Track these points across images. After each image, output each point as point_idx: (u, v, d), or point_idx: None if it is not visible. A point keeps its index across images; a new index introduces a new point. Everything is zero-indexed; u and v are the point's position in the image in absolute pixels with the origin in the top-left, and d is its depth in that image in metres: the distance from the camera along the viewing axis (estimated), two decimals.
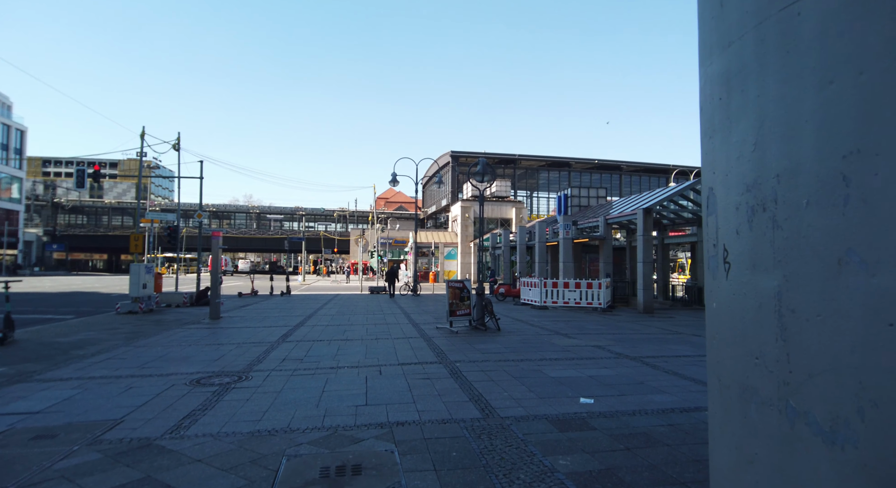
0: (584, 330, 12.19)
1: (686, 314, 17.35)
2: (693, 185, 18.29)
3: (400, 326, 12.78)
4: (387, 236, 57.89)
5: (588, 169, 56.39)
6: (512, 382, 6.56)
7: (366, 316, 15.51)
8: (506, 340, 10.32)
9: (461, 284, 12.20)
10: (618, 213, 19.75)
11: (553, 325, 13.12)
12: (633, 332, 11.84)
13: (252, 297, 24.74)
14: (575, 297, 18.35)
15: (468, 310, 12.22)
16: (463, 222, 44.95)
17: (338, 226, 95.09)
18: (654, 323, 14.19)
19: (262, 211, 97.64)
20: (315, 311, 17.09)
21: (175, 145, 19.80)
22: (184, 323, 13.67)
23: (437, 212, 62.60)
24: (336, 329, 12.22)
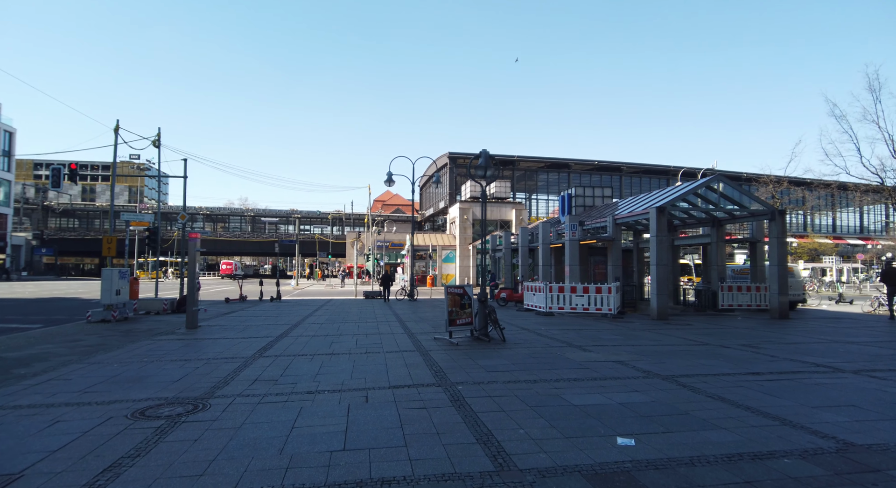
0: (599, 340, 10.97)
1: (703, 320, 16.15)
2: (708, 183, 17.12)
3: (394, 337, 11.54)
4: (383, 239, 56.55)
5: (588, 170, 55.31)
6: (527, 413, 5.33)
7: (357, 324, 14.27)
8: (513, 354, 9.09)
9: (461, 290, 10.98)
10: (628, 213, 18.55)
11: (563, 335, 11.90)
12: (653, 343, 10.62)
13: (240, 303, 23.48)
14: (583, 303, 17.13)
15: (469, 318, 10.99)
16: (461, 224, 43.74)
17: (334, 229, 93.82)
18: (673, 331, 12.98)
19: (256, 214, 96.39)
20: (303, 319, 15.84)
21: (155, 141, 18.56)
22: (156, 333, 12.41)
23: (435, 214, 61.44)
24: (322, 340, 10.97)
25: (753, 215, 18.04)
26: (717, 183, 17.01)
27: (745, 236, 21.61)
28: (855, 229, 69.66)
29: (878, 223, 73.23)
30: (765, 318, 17.08)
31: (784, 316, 16.83)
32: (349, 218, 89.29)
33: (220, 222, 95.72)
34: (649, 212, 16.60)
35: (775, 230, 16.98)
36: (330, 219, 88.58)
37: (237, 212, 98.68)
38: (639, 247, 24.20)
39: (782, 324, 15.07)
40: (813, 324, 15.19)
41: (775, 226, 16.97)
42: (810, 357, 9.02)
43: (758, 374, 7.36)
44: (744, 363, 8.31)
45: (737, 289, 19.26)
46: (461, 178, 51.10)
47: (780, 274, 16.86)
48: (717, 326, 14.30)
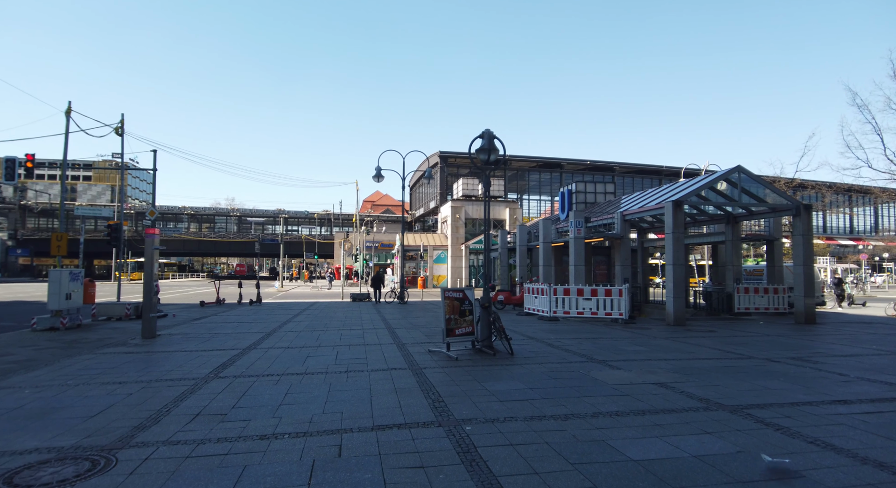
0: (622, 353, 9.36)
1: (722, 326, 14.63)
2: (726, 175, 15.61)
3: (381, 349, 9.85)
4: (372, 239, 54.74)
5: (580, 170, 54.15)
6: (572, 478, 3.68)
7: (340, 332, 12.56)
8: (526, 373, 7.44)
9: (461, 294, 9.32)
10: (638, 208, 17.01)
11: (577, 346, 10.28)
12: (687, 356, 9.04)
13: (216, 307, 21.63)
14: (590, 307, 15.55)
15: (470, 327, 9.34)
16: (453, 223, 42.09)
17: (322, 229, 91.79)
18: (699, 340, 11.42)
19: (242, 214, 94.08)
20: (280, 325, 14.10)
21: (118, 129, 16.69)
22: (105, 344, 10.63)
23: (425, 214, 59.79)
24: (297, 354, 9.26)
25: (775, 210, 16.58)
26: (736, 175, 15.52)
27: (759, 233, 20.21)
28: (845, 229, 69.03)
29: (869, 224, 72.77)
30: (788, 323, 15.62)
31: (810, 320, 15.37)
32: (337, 218, 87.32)
33: (206, 222, 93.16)
34: (664, 207, 15.06)
35: (800, 226, 15.52)
36: (316, 217, 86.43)
37: (223, 212, 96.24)
38: (643, 246, 22.72)
39: (813, 331, 13.58)
40: (847, 330, 13.73)
41: (800, 222, 15.52)
42: (886, 375, 7.46)
43: (846, 403, 5.78)
44: (814, 385, 6.73)
45: (753, 291, 17.80)
46: (452, 178, 49.52)
47: (806, 274, 15.40)
48: (743, 333, 12.77)
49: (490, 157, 9.48)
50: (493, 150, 9.41)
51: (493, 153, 9.43)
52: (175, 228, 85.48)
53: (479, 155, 9.53)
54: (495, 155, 9.48)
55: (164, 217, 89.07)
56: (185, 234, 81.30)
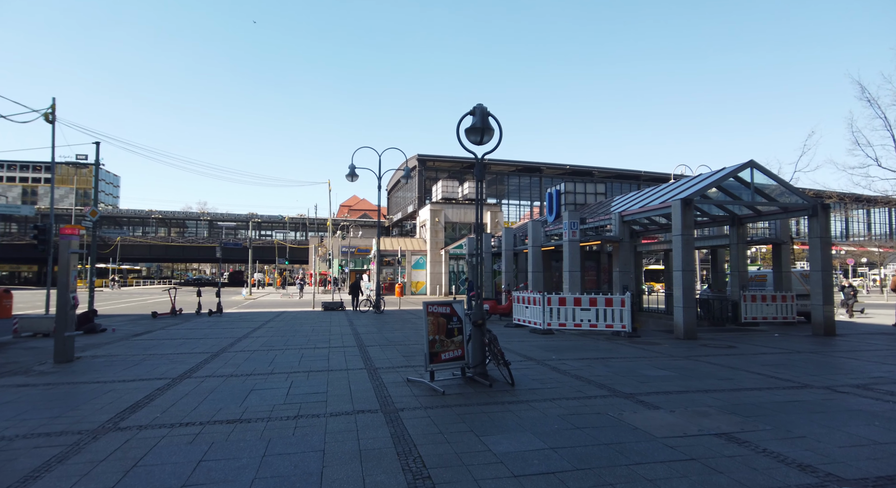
0: (646, 380, 7.59)
1: (736, 338, 13.04)
2: (735, 172, 14.07)
3: (348, 377, 7.90)
4: (348, 244, 52.59)
5: (560, 174, 53.24)
6: None
7: (302, 353, 10.55)
8: (539, 418, 5.58)
9: (448, 309, 7.44)
10: (639, 208, 15.38)
11: (587, 369, 8.48)
12: (729, 385, 7.30)
13: (170, 318, 19.34)
14: (589, 318, 13.81)
15: (459, 349, 7.46)
16: (432, 227, 40.23)
17: (296, 234, 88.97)
18: (724, 358, 9.75)
19: (213, 218, 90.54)
20: (234, 343, 12.02)
21: (48, 115, 14.41)
22: (3, 372, 8.47)
23: (403, 219, 57.91)
24: (239, 386, 7.25)
25: (787, 210, 15.12)
26: (749, 171, 14.01)
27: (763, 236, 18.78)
28: None
29: (840, 229, 73.21)
30: (805, 335, 14.13)
31: (830, 332, 13.89)
32: (312, 222, 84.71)
33: (176, 227, 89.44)
34: (671, 206, 13.45)
35: (817, 228, 14.06)
36: (287, 220, 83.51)
37: (193, 216, 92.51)
38: (635, 250, 21.18)
39: (841, 344, 12.06)
40: (876, 343, 12.24)
41: (817, 224, 14.07)
42: None
43: None
44: None
45: (761, 300, 16.31)
46: (430, 181, 47.75)
47: (825, 280, 13.94)
48: (767, 349, 11.16)
49: (483, 139, 7.65)
50: (486, 130, 7.58)
51: (486, 134, 7.61)
52: (144, 233, 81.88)
53: (469, 136, 7.69)
54: (489, 136, 7.65)
55: (131, 221, 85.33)
56: (152, 239, 77.83)
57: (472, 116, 7.64)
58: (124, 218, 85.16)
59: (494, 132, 7.65)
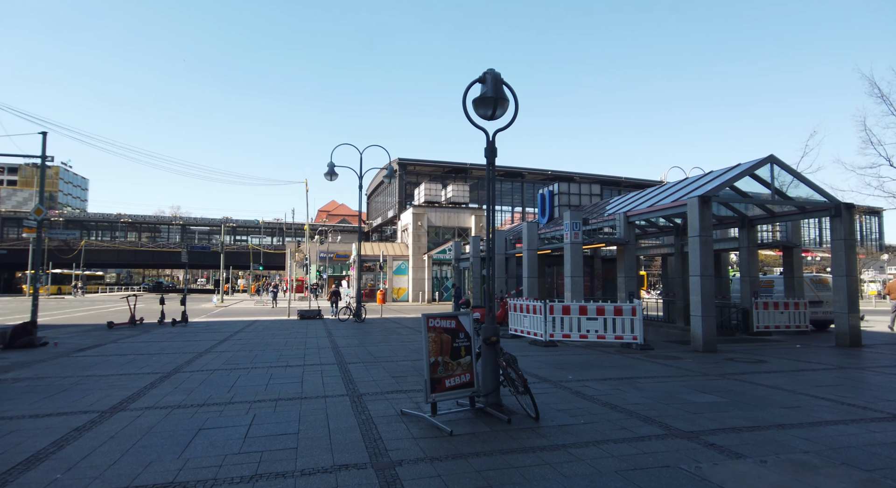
0: (699, 410, 6.17)
1: (758, 350, 11.79)
2: (754, 168, 12.86)
3: (325, 408, 6.30)
4: (326, 249, 50.71)
5: (542, 180, 52.50)
6: None
7: (271, 373, 8.90)
8: (589, 475, 4.09)
9: (453, 323, 5.92)
10: (647, 208, 14.09)
11: (617, 393, 7.04)
12: (809, 418, 5.93)
13: (128, 329, 17.39)
14: (596, 328, 12.43)
15: (468, 374, 5.94)
16: (415, 231, 38.66)
17: (273, 239, 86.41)
18: (769, 378, 8.42)
19: (186, 223, 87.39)
20: (192, 360, 10.30)
21: None
22: None
23: (383, 224, 56.27)
24: (184, 423, 5.61)
25: (805, 211, 14.00)
26: (768, 167, 12.84)
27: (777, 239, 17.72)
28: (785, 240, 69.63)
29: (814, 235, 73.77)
30: (827, 345, 12.98)
31: (856, 343, 12.74)
32: (289, 227, 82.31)
33: (147, 232, 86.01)
34: (686, 204, 12.17)
35: (841, 229, 12.94)
36: (262, 224, 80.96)
37: (164, 221, 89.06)
38: None
39: (879, 358, 10.87)
40: None
41: (841, 225, 12.94)
42: None
43: None
44: None
45: (773, 307, 15.17)
46: (411, 186, 46.29)
47: (850, 287, 12.79)
48: (804, 363, 9.89)
49: (495, 112, 6.18)
50: (499, 102, 6.11)
51: (499, 106, 6.14)
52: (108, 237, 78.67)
53: (478, 109, 6.22)
54: (503, 109, 6.19)
55: (100, 226, 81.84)
56: (121, 244, 74.68)
57: (481, 84, 6.17)
58: (92, 222, 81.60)
59: (509, 104, 6.19)
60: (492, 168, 6.23)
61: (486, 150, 6.23)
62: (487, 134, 6.25)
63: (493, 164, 6.22)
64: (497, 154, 6.24)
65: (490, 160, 6.21)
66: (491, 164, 6.22)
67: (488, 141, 6.24)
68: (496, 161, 6.22)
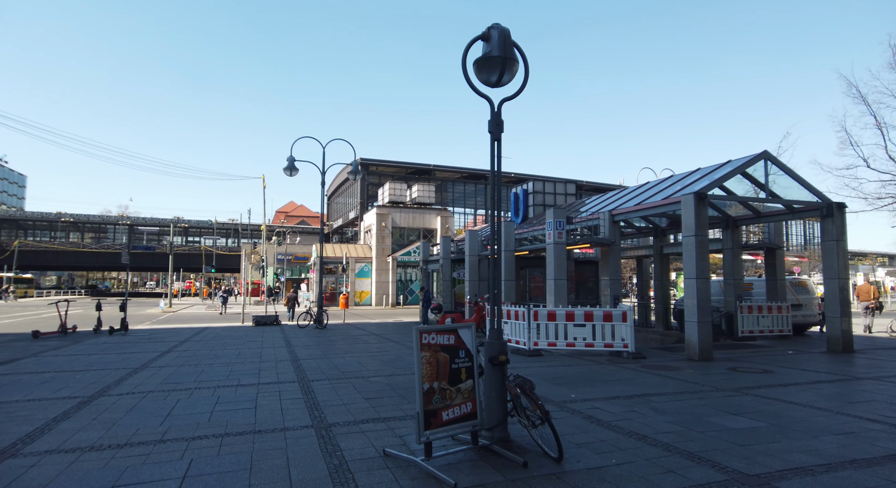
0: (738, 438, 5.15)
1: (754, 357, 11.06)
2: (748, 164, 12.15)
3: (285, 446, 4.95)
4: (285, 251, 48.53)
5: (505, 182, 52.05)
6: None
7: (218, 395, 7.44)
8: None
9: (451, 338, 4.68)
10: (635, 206, 13.24)
11: (637, 418, 5.97)
12: (866, 445, 4.99)
13: (56, 338, 15.36)
14: (584, 336, 11.44)
15: (469, 403, 4.71)
16: (379, 232, 37.18)
17: (228, 240, 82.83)
18: (792, 393, 7.56)
19: (134, 223, 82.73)
20: (123, 378, 8.69)
21: None
22: None
23: (344, 225, 54.48)
24: (93, 477, 4.16)
25: (793, 211, 13.44)
26: (762, 163, 12.18)
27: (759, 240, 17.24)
28: None
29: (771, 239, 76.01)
30: (818, 351, 12.42)
31: (848, 348, 12.20)
32: (245, 228, 79.08)
33: (91, 232, 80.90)
34: (681, 202, 11.34)
35: (833, 230, 12.41)
36: (215, 224, 77.46)
37: (110, 220, 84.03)
38: None
39: (884, 365, 10.27)
40: None
41: (832, 225, 12.41)
42: None
43: None
44: None
45: (757, 311, 14.60)
46: (374, 187, 44.80)
47: (842, 290, 12.26)
48: (812, 372, 9.13)
49: (502, 78, 5.01)
50: (508, 64, 4.94)
51: (507, 69, 4.97)
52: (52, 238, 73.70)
53: (481, 74, 5.04)
54: (511, 74, 5.02)
55: (37, 225, 76.54)
56: (60, 245, 69.92)
57: (484, 43, 4.99)
58: (28, 221, 76.23)
59: (518, 67, 5.03)
60: (498, 145, 5.05)
61: (491, 124, 5.05)
62: (492, 103, 5.07)
63: (498, 141, 5.04)
64: (504, 128, 5.06)
65: (496, 136, 5.03)
66: (496, 140, 5.04)
67: (493, 112, 5.06)
68: (455, 165, 5.05)
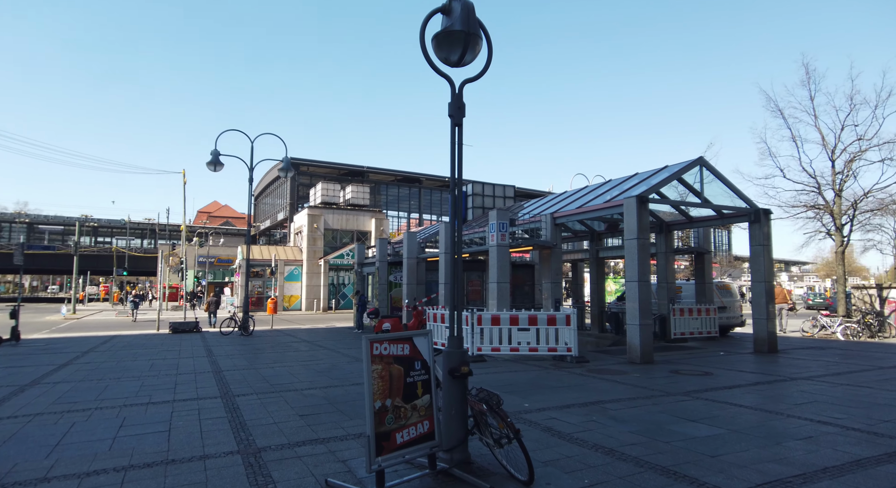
0: (708, 451, 4.91)
1: (690, 359, 11.23)
2: (685, 169, 12.40)
3: (206, 481, 4.16)
4: (207, 253, 45.75)
5: (439, 186, 52.24)
6: None
7: (123, 416, 6.40)
8: None
9: (406, 348, 4.09)
10: (576, 209, 13.18)
11: (599, 429, 5.63)
12: (825, 448, 4.88)
13: None
14: (528, 340, 11.17)
15: (427, 421, 4.13)
16: (310, 234, 35.72)
17: (144, 241, 77.27)
18: (737, 395, 7.56)
19: (33, 221, 75.32)
20: (6, 397, 7.38)
21: None
22: None
23: (272, 227, 52.27)
24: None
25: (723, 216, 13.91)
26: (697, 169, 12.48)
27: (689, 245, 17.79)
28: None
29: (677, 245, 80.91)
30: (747, 352, 12.87)
31: (773, 349, 12.71)
32: (163, 229, 74.18)
33: None
34: (623, 205, 11.33)
35: (759, 235, 12.91)
36: (128, 223, 72.18)
37: (5, 218, 76.05)
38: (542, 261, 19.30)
39: (811, 365, 10.68)
40: (832, 359, 11.08)
41: (759, 230, 12.92)
42: None
43: None
44: None
45: (688, 313, 15.02)
46: (304, 187, 43.17)
47: (769, 293, 12.78)
48: (750, 374, 9.30)
49: (464, 56, 4.50)
50: (471, 40, 4.43)
51: (470, 47, 4.46)
52: None
53: (440, 52, 4.50)
54: (474, 52, 4.52)
55: None
56: None
57: (444, 16, 4.46)
58: None
59: (482, 45, 4.54)
60: (459, 130, 4.54)
61: (451, 107, 4.53)
62: (453, 84, 4.55)
63: (459, 125, 4.53)
64: (465, 112, 4.55)
65: (457, 120, 4.52)
66: (457, 125, 4.52)
67: (454, 94, 4.54)
68: (389, 168, 4.54)
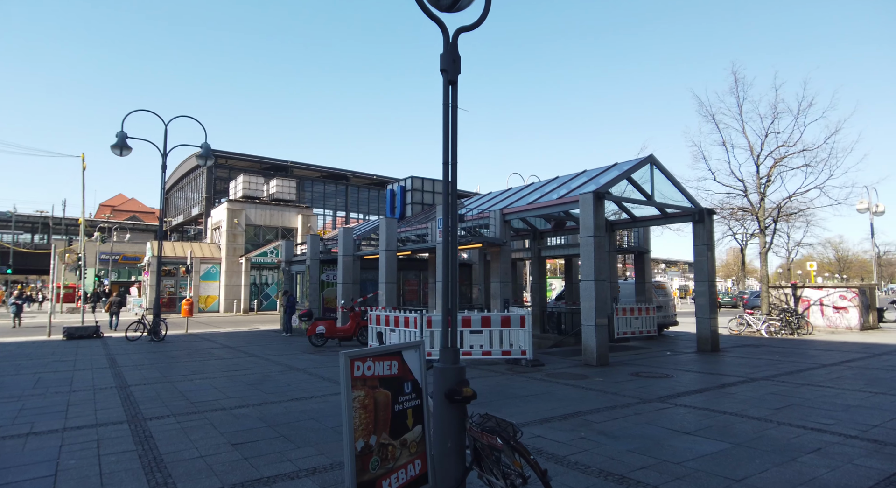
0: (724, 472, 4.32)
1: (645, 361, 10.98)
2: (637, 166, 12.17)
3: None
4: (110, 250, 41.64)
5: (367, 184, 51.00)
6: None
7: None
8: None
9: (395, 365, 3.15)
10: (527, 205, 12.62)
11: (593, 448, 4.92)
12: (830, 460, 4.44)
13: None
14: (481, 343, 10.44)
15: (419, 460, 3.20)
16: (230, 230, 33.21)
17: (35, 236, 69.50)
18: (710, 400, 7.19)
19: None
20: None
21: None
22: None
23: (186, 222, 48.52)
24: None
25: (667, 216, 13.92)
26: (647, 167, 12.30)
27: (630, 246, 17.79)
28: None
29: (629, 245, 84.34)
30: (690, 351, 12.89)
31: (716, 348, 12.81)
32: (58, 223, 67.06)
33: None
34: (578, 200, 10.88)
35: (703, 235, 12.97)
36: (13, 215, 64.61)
37: None
38: (485, 260, 18.78)
39: (757, 363, 10.70)
40: (767, 357, 11.23)
41: (702, 230, 12.98)
42: None
43: None
44: None
45: (630, 313, 14.97)
46: (222, 181, 40.28)
47: (711, 293, 12.87)
48: (704, 374, 9.08)
49: (459, 1, 3.62)
50: None
51: None
52: None
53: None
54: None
55: None
56: None
57: None
58: None
59: None
60: (453, 89, 3.63)
61: (444, 59, 3.62)
62: (447, 32, 3.64)
63: (454, 83, 3.63)
64: (460, 69, 3.66)
65: (451, 76, 3.61)
66: (451, 82, 3.62)
67: (447, 43, 3.63)
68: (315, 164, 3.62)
